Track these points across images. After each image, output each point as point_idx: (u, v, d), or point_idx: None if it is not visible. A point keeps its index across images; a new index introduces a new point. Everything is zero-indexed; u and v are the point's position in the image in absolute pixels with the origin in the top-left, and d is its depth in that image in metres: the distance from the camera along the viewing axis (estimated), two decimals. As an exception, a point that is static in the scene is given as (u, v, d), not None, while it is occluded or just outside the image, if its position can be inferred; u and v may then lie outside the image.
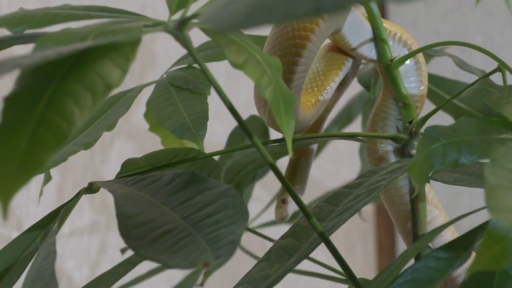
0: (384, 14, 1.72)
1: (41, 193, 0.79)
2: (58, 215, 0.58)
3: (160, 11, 1.16)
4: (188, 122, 0.70)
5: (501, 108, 0.52)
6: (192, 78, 0.74)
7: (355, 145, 1.07)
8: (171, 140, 0.85)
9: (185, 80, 0.74)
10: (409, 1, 0.33)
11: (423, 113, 0.68)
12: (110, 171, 1.21)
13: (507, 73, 0.62)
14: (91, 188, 0.60)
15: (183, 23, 0.49)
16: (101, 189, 0.61)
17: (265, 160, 0.53)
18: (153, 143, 1.18)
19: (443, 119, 0.80)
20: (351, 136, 0.71)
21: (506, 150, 0.41)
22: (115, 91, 0.72)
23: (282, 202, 0.73)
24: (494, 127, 0.49)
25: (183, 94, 0.73)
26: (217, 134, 1.27)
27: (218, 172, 0.69)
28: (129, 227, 0.48)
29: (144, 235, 0.47)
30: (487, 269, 0.37)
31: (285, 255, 0.60)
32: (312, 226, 0.55)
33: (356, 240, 1.66)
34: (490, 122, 0.49)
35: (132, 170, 0.67)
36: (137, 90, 0.76)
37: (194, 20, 0.49)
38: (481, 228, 0.53)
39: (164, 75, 0.77)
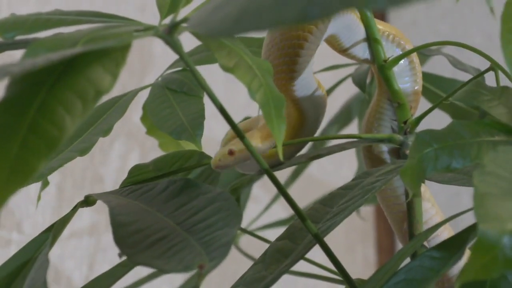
0: (383, 15, 1.71)
1: (39, 198, 0.79)
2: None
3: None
4: (185, 123, 0.70)
5: (492, 109, 0.52)
6: (187, 81, 0.75)
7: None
8: (168, 143, 0.86)
9: (179, 83, 0.75)
10: (393, 7, 0.33)
11: (418, 112, 0.68)
12: (110, 172, 1.21)
13: (504, 74, 0.62)
14: (88, 201, 0.60)
15: (173, 28, 0.49)
16: (100, 188, 0.61)
17: (259, 163, 0.53)
18: (152, 144, 1.18)
19: (439, 117, 0.80)
20: (347, 138, 0.71)
21: (496, 156, 0.41)
22: (112, 94, 0.72)
23: (229, 153, 0.62)
24: (487, 129, 0.49)
25: (179, 96, 0.74)
26: (215, 133, 1.27)
27: (216, 174, 0.69)
28: (123, 236, 0.48)
29: (139, 242, 0.48)
30: (478, 278, 0.37)
31: (280, 257, 0.60)
32: (307, 229, 0.55)
33: (356, 240, 1.65)
34: (483, 124, 0.49)
35: (139, 175, 0.68)
36: (133, 94, 0.76)
37: (184, 24, 0.49)
38: (474, 227, 0.53)
39: (160, 78, 0.78)
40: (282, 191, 0.56)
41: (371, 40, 0.66)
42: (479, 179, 0.39)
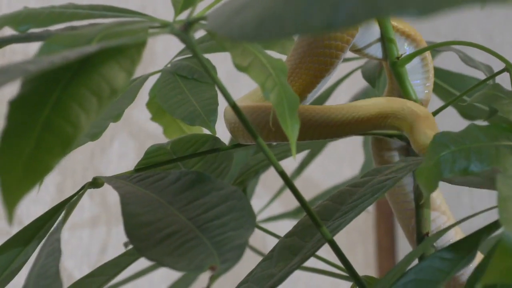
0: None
1: (41, 182, 0.78)
2: (57, 213, 0.57)
3: (160, 11, 1.15)
4: (199, 108, 0.69)
5: (510, 114, 0.52)
6: (197, 68, 0.74)
7: (355, 144, 1.07)
8: (174, 129, 0.85)
9: (190, 70, 0.74)
10: (424, 16, 0.33)
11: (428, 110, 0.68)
12: (111, 171, 1.20)
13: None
14: (95, 183, 0.59)
15: (189, 25, 0.48)
16: (100, 188, 0.61)
17: (271, 163, 0.52)
18: (153, 143, 1.17)
19: (444, 113, 0.80)
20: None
21: (517, 160, 0.40)
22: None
23: None
24: (504, 134, 0.49)
25: (189, 82, 0.73)
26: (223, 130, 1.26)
27: (230, 161, 0.68)
28: (134, 227, 0.47)
29: (150, 236, 0.46)
30: (500, 281, 0.37)
31: (289, 254, 0.60)
32: (321, 234, 0.55)
33: (356, 240, 1.65)
34: (500, 128, 0.48)
35: (156, 157, 0.67)
36: (142, 80, 0.75)
37: (202, 22, 0.48)
38: (486, 229, 0.52)
39: (169, 65, 0.77)
40: (292, 189, 0.56)
41: (385, 39, 0.65)
42: (502, 182, 0.39)
